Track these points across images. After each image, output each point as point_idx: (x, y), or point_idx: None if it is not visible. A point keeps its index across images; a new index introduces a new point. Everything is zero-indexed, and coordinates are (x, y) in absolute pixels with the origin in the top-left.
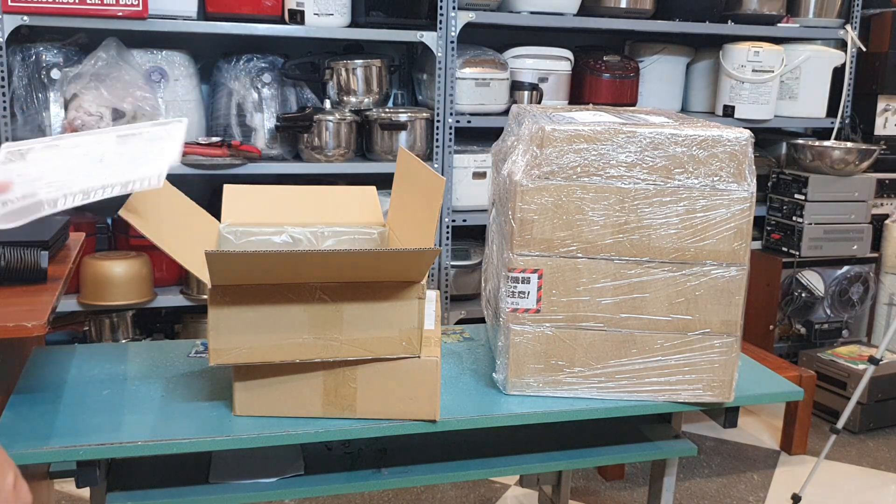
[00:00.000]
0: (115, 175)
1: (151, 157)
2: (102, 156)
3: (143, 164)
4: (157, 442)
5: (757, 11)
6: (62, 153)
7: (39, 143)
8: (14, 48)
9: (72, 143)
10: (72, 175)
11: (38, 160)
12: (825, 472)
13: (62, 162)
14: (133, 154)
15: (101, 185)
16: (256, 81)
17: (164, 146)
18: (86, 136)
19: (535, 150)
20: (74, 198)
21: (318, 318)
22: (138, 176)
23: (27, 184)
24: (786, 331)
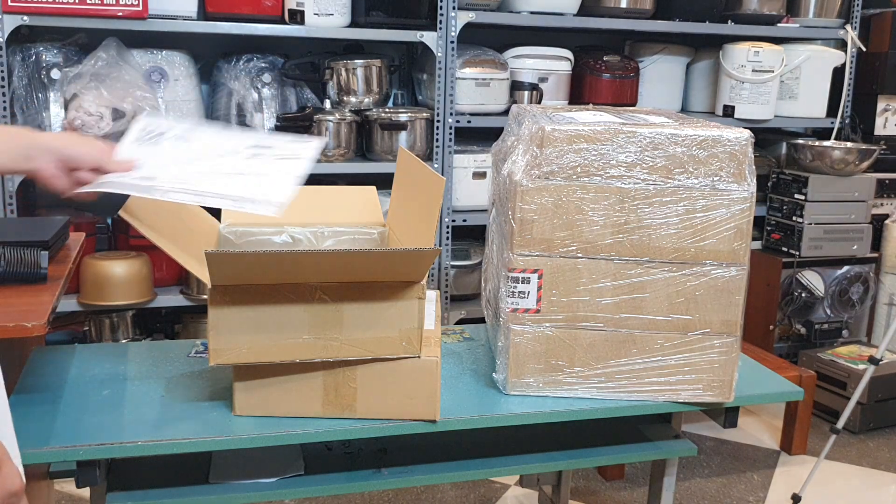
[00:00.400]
0: (233, 187)
1: (275, 180)
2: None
3: (265, 185)
4: (157, 442)
5: (757, 11)
6: (195, 146)
7: (176, 129)
8: (14, 48)
9: (205, 141)
10: (193, 174)
11: (168, 151)
12: (825, 472)
13: (190, 159)
14: (259, 170)
15: (215, 194)
16: (256, 81)
17: (291, 168)
18: (222, 136)
19: (535, 150)
20: (185, 196)
21: (318, 318)
22: (256, 197)
23: (149, 169)
24: (786, 331)
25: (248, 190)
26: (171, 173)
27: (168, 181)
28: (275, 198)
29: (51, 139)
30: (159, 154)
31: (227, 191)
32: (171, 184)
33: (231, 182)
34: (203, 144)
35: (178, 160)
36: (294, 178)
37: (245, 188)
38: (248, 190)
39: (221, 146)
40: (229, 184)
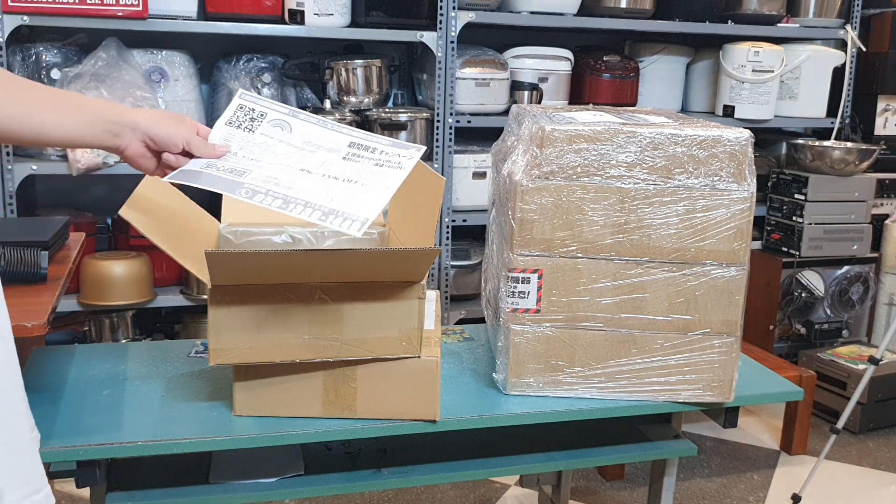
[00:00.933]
0: (323, 196)
1: (368, 191)
2: (326, 164)
3: (357, 197)
4: (157, 442)
5: (757, 11)
6: (290, 138)
7: (274, 113)
8: (14, 48)
9: (303, 132)
10: (285, 173)
11: (264, 141)
12: (825, 472)
13: (286, 153)
14: (354, 176)
15: (305, 202)
16: (256, 81)
17: (387, 180)
18: (321, 129)
19: (535, 150)
20: (273, 202)
21: (318, 318)
22: (344, 210)
23: (243, 161)
24: (786, 331)
25: (338, 201)
26: (264, 171)
27: (259, 180)
28: (362, 213)
29: (140, 116)
30: (254, 143)
31: (317, 199)
32: (260, 183)
33: (323, 189)
34: (302, 135)
35: (272, 152)
36: (389, 191)
37: (336, 198)
38: (338, 201)
39: (321, 140)
40: (320, 191)
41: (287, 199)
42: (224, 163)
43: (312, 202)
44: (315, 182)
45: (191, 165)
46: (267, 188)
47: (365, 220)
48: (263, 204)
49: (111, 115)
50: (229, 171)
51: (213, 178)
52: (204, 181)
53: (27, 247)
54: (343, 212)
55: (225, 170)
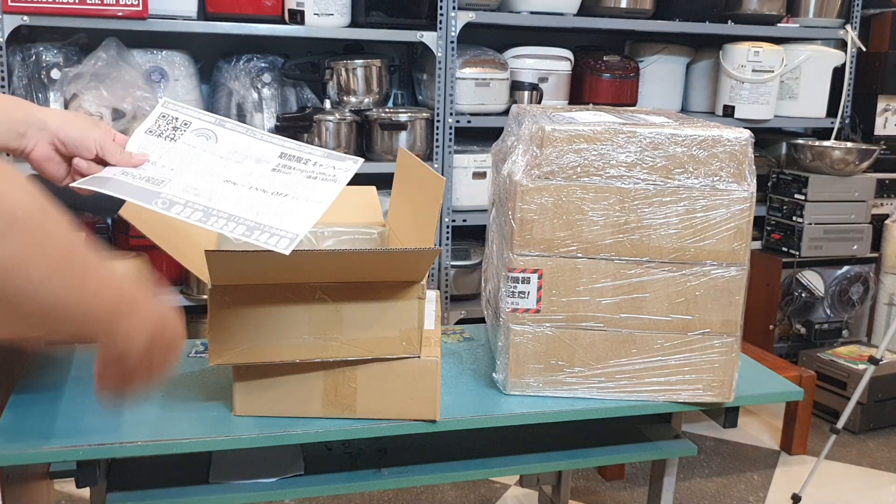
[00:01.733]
0: (248, 209)
1: (299, 205)
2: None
3: (286, 211)
4: (157, 442)
5: (757, 11)
6: (215, 148)
7: (198, 122)
8: (14, 48)
9: (230, 142)
10: (207, 183)
11: (186, 150)
12: (825, 472)
13: (210, 163)
14: (285, 189)
15: (227, 216)
16: (256, 81)
17: (320, 193)
18: (249, 138)
19: (535, 150)
20: (192, 214)
21: (318, 318)
22: (271, 225)
23: (161, 170)
24: (786, 331)
25: (264, 215)
26: (184, 180)
27: (178, 190)
28: (291, 229)
29: (49, 116)
30: (175, 152)
31: (241, 212)
32: (180, 193)
33: (249, 201)
34: (228, 145)
35: (195, 162)
36: (322, 205)
37: (262, 212)
38: (264, 215)
39: (249, 151)
40: (245, 204)
41: (208, 212)
42: (141, 171)
43: (236, 215)
44: (240, 194)
45: (103, 173)
46: (186, 199)
47: (294, 236)
48: (181, 217)
49: (17, 112)
50: (146, 180)
51: (126, 186)
52: (114, 188)
53: None
54: (270, 226)
55: (142, 178)
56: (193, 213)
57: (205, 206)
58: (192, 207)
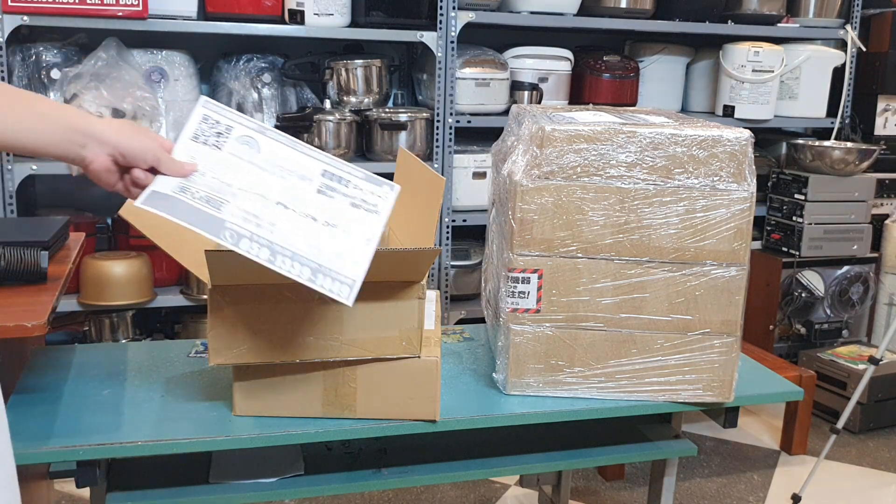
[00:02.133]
0: (308, 246)
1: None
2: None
3: (341, 250)
4: (157, 442)
5: (757, 11)
6: (259, 159)
7: (241, 128)
8: (14, 48)
9: (272, 152)
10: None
11: (232, 161)
12: (825, 472)
13: (257, 176)
14: (333, 218)
15: (292, 254)
16: (256, 81)
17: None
18: (290, 150)
19: (535, 150)
20: (260, 251)
21: (318, 318)
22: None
23: (213, 184)
24: (786, 331)
25: (324, 255)
26: (240, 202)
27: (238, 215)
28: (350, 273)
29: (106, 128)
30: (222, 162)
31: (303, 250)
32: (241, 221)
33: (305, 234)
34: (271, 155)
35: (242, 175)
36: (371, 244)
37: (321, 251)
38: (324, 255)
39: (291, 164)
40: (304, 238)
41: (273, 250)
42: (195, 185)
43: (299, 255)
44: (294, 224)
45: (160, 186)
46: (250, 231)
47: (352, 282)
48: (250, 254)
49: (77, 123)
50: (206, 202)
51: (193, 212)
52: (179, 213)
53: (27, 247)
54: (331, 270)
55: (201, 199)
56: (261, 249)
57: (269, 242)
58: (259, 242)
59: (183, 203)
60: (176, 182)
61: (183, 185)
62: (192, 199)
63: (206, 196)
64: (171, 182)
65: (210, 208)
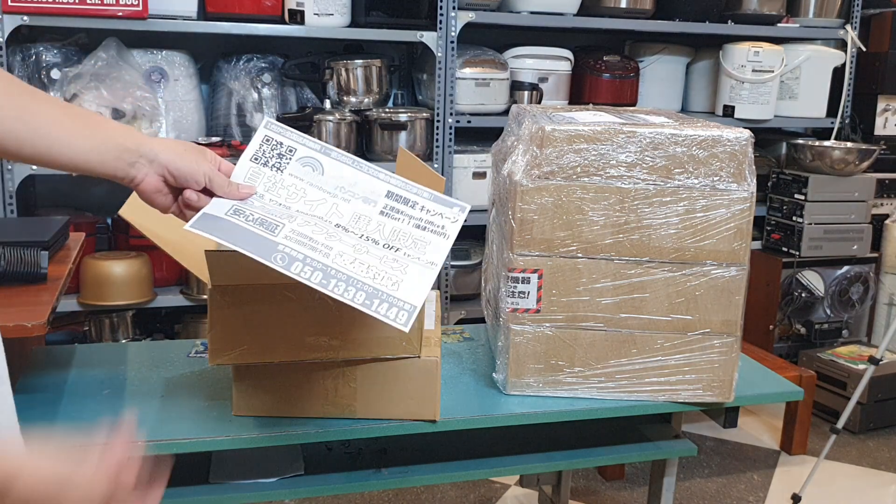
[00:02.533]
0: (364, 270)
1: (411, 266)
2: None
3: (401, 274)
4: (157, 442)
5: (757, 11)
6: (322, 182)
7: (304, 149)
8: (14, 48)
9: (336, 175)
10: (321, 231)
11: (293, 183)
12: (825, 472)
13: (318, 200)
14: (395, 241)
15: (346, 279)
16: (256, 81)
17: (430, 252)
18: (356, 171)
19: (535, 150)
20: (313, 274)
21: (318, 318)
22: (389, 293)
23: (270, 206)
24: (786, 331)
25: (381, 278)
26: (296, 225)
27: (292, 238)
28: (408, 298)
29: (159, 147)
30: (282, 185)
31: (358, 274)
32: (295, 245)
33: (362, 257)
34: (334, 178)
35: (303, 198)
36: (435, 268)
37: (378, 274)
38: (381, 278)
39: (355, 186)
40: (360, 261)
41: (327, 273)
42: (251, 207)
43: (354, 279)
44: (352, 246)
45: (213, 209)
46: (304, 254)
47: (412, 308)
48: (301, 277)
49: (128, 141)
50: (260, 224)
51: (243, 234)
52: (230, 237)
53: (27, 247)
54: (389, 295)
55: (255, 221)
56: (314, 273)
57: (323, 266)
58: (312, 266)
59: (234, 225)
60: (230, 204)
61: (237, 208)
62: (245, 221)
63: (261, 219)
64: (224, 205)
65: (263, 231)
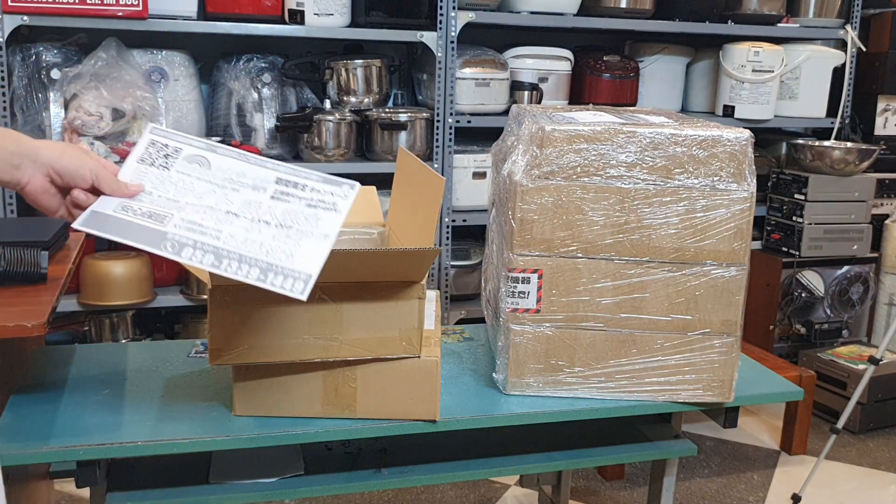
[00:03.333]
0: (256, 247)
1: (304, 240)
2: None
3: (295, 247)
4: (157, 442)
5: (757, 11)
6: (209, 175)
7: (189, 148)
8: (14, 48)
9: (223, 168)
10: (211, 217)
11: (181, 179)
12: (825, 472)
13: (207, 192)
14: (287, 220)
15: (239, 257)
16: (256, 81)
17: (323, 225)
18: (243, 163)
19: (535, 150)
20: (204, 257)
21: (318, 318)
22: (284, 265)
23: (159, 201)
24: (786, 331)
25: (274, 254)
26: (186, 215)
27: (182, 226)
28: (304, 268)
29: (43, 147)
30: (170, 181)
31: (251, 251)
32: (186, 233)
33: (255, 236)
34: (222, 171)
35: (191, 191)
36: (329, 239)
37: (272, 250)
38: (274, 254)
39: (244, 177)
40: (252, 239)
41: (218, 254)
42: (139, 204)
43: (247, 256)
44: (244, 228)
45: (101, 206)
46: (194, 239)
47: (308, 276)
48: (193, 261)
49: (8, 144)
50: (148, 217)
51: (132, 228)
52: (117, 231)
53: (27, 247)
54: (283, 267)
55: (143, 214)
56: (205, 255)
57: (214, 247)
58: (203, 249)
59: (122, 220)
60: (118, 202)
61: (125, 205)
62: (133, 215)
63: (149, 212)
64: (112, 202)
65: (152, 223)
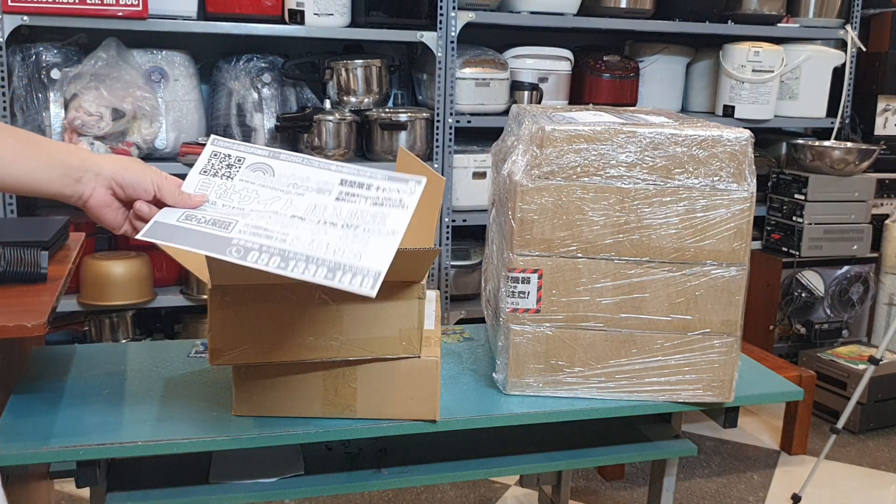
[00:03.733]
0: (323, 248)
1: (372, 238)
2: (319, 208)
3: (361, 245)
4: (157, 442)
5: (757, 11)
6: (273, 182)
7: (252, 157)
8: (14, 48)
9: (288, 174)
10: (276, 222)
11: (245, 187)
12: (825, 472)
13: (272, 198)
14: (353, 220)
15: (306, 258)
16: (256, 81)
17: (390, 221)
18: (307, 167)
19: (535, 150)
20: (270, 260)
21: (318, 318)
22: (351, 264)
23: (223, 210)
24: (786, 331)
25: (341, 252)
26: (251, 221)
27: (246, 231)
28: (373, 266)
29: (106, 161)
30: (234, 190)
31: (318, 252)
32: (251, 238)
33: (321, 237)
34: (286, 177)
35: (256, 198)
36: (396, 236)
37: (338, 249)
38: (341, 252)
39: (308, 181)
40: (319, 241)
41: (285, 255)
42: (203, 213)
43: (314, 256)
44: (311, 230)
45: (164, 217)
46: (259, 243)
47: (377, 273)
48: (259, 265)
49: (72, 158)
50: (211, 224)
51: (197, 235)
52: (182, 239)
53: (27, 247)
54: (351, 265)
55: (206, 222)
56: (271, 258)
57: (280, 250)
58: (269, 252)
59: (186, 229)
60: (181, 212)
61: (189, 214)
62: (198, 224)
63: (213, 219)
64: (176, 213)
65: (217, 230)
